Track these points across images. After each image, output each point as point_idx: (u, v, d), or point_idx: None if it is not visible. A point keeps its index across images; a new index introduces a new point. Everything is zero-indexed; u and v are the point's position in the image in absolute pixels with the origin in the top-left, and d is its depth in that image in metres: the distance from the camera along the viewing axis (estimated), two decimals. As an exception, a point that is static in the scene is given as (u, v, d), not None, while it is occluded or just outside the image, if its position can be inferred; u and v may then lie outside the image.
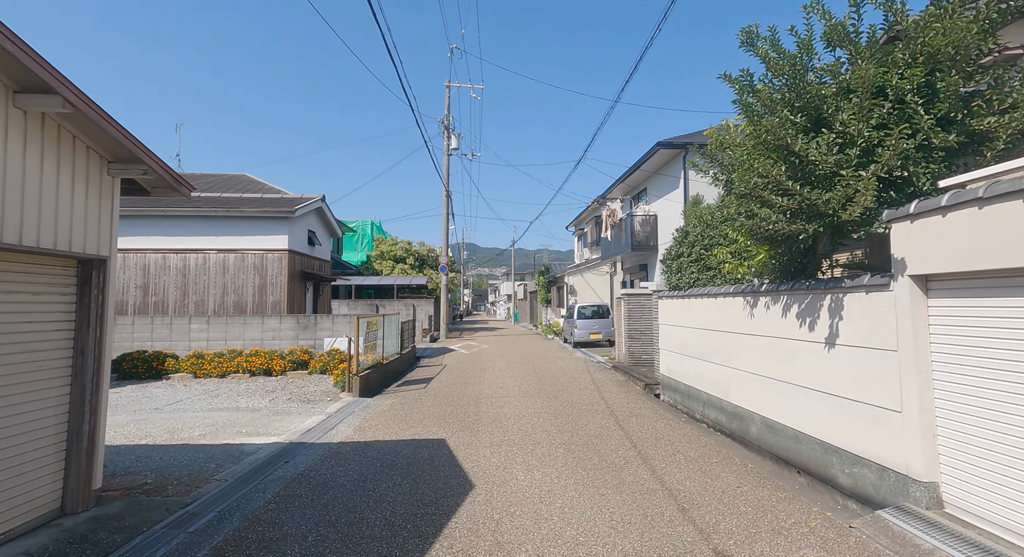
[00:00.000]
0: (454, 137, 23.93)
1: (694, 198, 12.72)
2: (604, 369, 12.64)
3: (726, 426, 6.58)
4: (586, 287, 24.38)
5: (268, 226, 13.35)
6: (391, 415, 7.52)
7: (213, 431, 6.50)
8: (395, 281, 25.43)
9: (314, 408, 8.01)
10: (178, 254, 13.13)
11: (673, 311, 8.75)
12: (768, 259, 5.26)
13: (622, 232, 19.11)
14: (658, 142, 14.87)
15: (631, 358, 12.23)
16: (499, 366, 13.31)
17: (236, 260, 13.25)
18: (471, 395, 9.11)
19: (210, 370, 11.44)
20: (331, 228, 17.00)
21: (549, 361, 14.41)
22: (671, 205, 15.80)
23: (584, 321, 18.51)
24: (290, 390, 9.67)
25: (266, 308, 13.26)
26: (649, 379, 9.99)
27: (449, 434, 6.36)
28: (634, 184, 19.17)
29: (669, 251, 9.17)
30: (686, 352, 8.09)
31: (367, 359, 10.08)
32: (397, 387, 10.28)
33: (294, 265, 13.87)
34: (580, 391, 9.48)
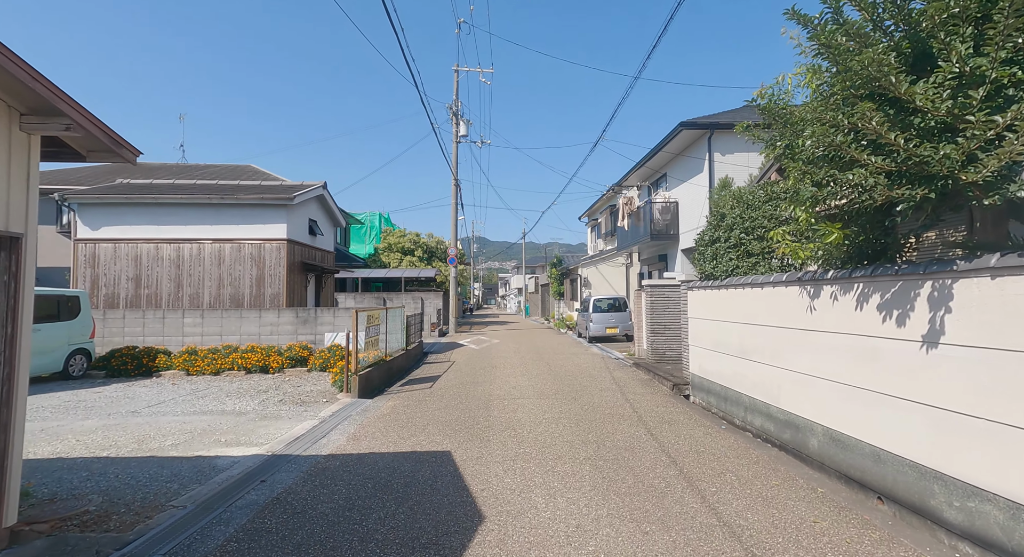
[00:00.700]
0: (463, 123, 23.01)
1: (722, 181, 11.73)
2: (624, 366, 11.73)
3: (776, 436, 5.66)
4: (600, 279, 23.42)
5: (265, 214, 12.58)
6: (391, 420, 6.70)
7: (188, 440, 5.72)
8: (403, 274, 24.68)
9: (307, 411, 7.23)
10: (171, 244, 12.42)
11: (706, 303, 7.82)
12: (841, 239, 4.31)
13: (640, 221, 18.12)
14: (681, 122, 13.83)
15: (654, 355, 11.31)
16: (511, 363, 12.46)
17: (232, 250, 12.51)
18: (481, 396, 8.27)
19: (203, 367, 10.73)
20: (334, 217, 16.22)
21: (564, 357, 13.53)
22: (694, 190, 14.78)
23: (600, 315, 17.59)
24: (284, 390, 8.91)
25: (264, 301, 12.53)
26: (677, 378, 9.08)
27: (455, 445, 5.52)
28: (653, 170, 18.13)
29: (702, 237, 8.21)
30: (722, 349, 7.17)
31: (368, 356, 9.29)
32: (401, 386, 9.47)
33: (293, 255, 13.11)
34: (601, 392, 8.60)
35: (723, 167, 13.94)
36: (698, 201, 14.70)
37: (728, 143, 13.97)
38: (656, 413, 7.06)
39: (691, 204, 15.35)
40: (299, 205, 13.39)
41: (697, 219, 14.79)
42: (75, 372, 10.06)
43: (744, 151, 13.91)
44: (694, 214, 15.10)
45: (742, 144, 14.40)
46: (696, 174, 14.64)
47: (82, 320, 10.22)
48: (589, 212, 30.03)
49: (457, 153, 23.19)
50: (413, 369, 11.90)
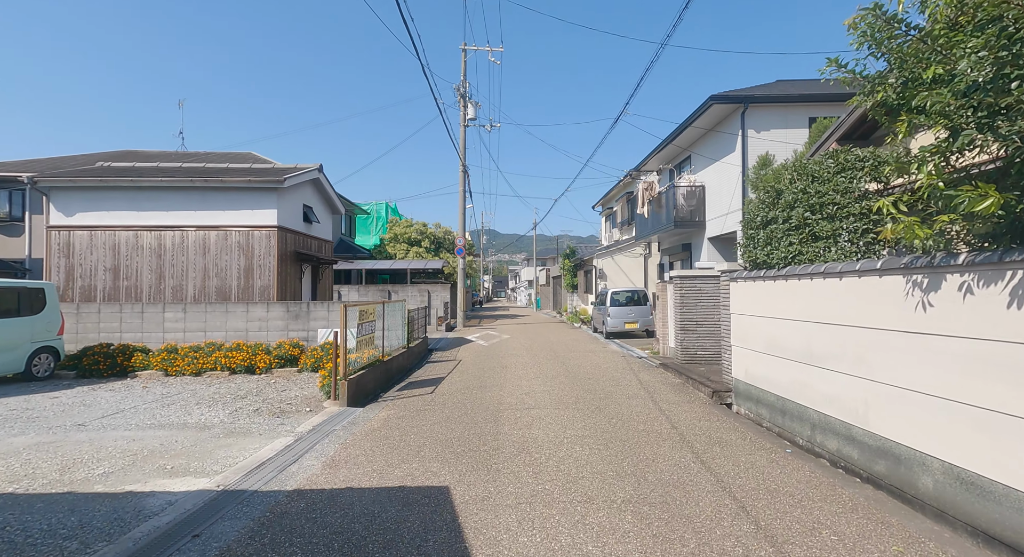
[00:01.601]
0: (471, 106, 21.72)
1: (762, 158, 10.39)
2: (650, 367, 10.50)
3: (862, 466, 4.43)
4: (617, 271, 22.13)
5: (253, 198, 11.47)
6: (381, 438, 5.57)
7: (127, 466, 4.63)
8: (408, 265, 23.59)
9: (283, 424, 6.12)
10: (152, 232, 11.38)
11: (756, 297, 6.56)
12: (997, 206, 3.03)
13: (661, 208, 16.80)
14: (712, 96, 12.46)
15: (684, 354, 10.06)
16: (523, 362, 11.30)
17: (218, 238, 11.44)
18: (489, 405, 7.12)
19: (183, 367, 9.70)
20: (332, 204, 15.09)
21: (581, 355, 12.34)
22: (725, 171, 13.42)
23: (618, 309, 16.34)
24: (266, 395, 7.82)
25: (253, 294, 11.46)
26: (715, 384, 7.84)
27: (456, 477, 4.36)
28: (675, 152, 16.75)
29: (751, 218, 6.92)
30: (778, 352, 5.93)
31: (361, 356, 8.17)
32: (399, 391, 8.35)
33: (285, 244, 12.01)
34: (629, 400, 7.40)
35: (758, 144, 12.57)
36: (728, 183, 13.35)
37: (764, 118, 12.58)
38: (700, 429, 5.85)
39: (720, 187, 14.00)
40: (291, 189, 12.27)
41: (727, 204, 13.46)
42: (40, 373, 9.08)
43: (782, 127, 12.53)
44: (723, 199, 13.76)
45: (780, 119, 13.01)
46: (727, 153, 13.28)
47: (48, 315, 9.22)
48: (604, 200, 28.65)
49: (465, 137, 21.94)
50: (415, 369, 10.78)
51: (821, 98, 12.40)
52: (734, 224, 13.04)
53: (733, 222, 13.08)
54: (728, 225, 13.43)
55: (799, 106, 12.58)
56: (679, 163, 16.90)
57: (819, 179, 5.85)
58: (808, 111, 12.59)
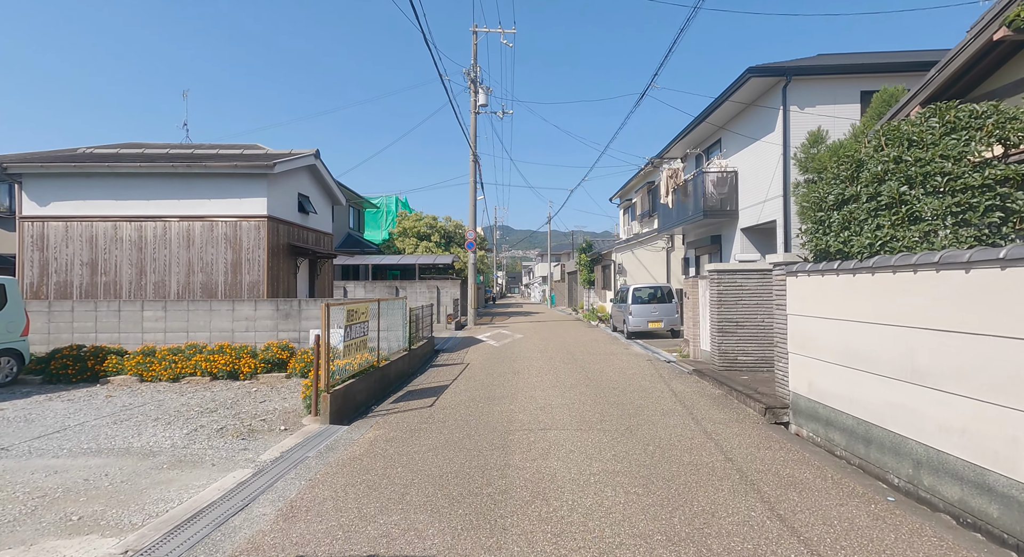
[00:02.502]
0: (482, 91, 20.52)
1: (813, 134, 9.03)
2: (682, 374, 9.25)
3: (1009, 528, 3.18)
4: (637, 266, 20.81)
5: (241, 186, 10.45)
6: (360, 471, 4.45)
7: (22, 515, 3.57)
8: (417, 260, 22.53)
9: (247, 450, 5.04)
10: (132, 222, 10.43)
11: (826, 295, 5.30)
12: None
13: (687, 197, 15.44)
14: (749, 68, 11.09)
15: (722, 360, 8.79)
16: (537, 367, 10.12)
17: (203, 230, 10.45)
18: (497, 423, 5.96)
19: (159, 372, 8.73)
20: (331, 194, 14.04)
21: (602, 359, 11.12)
22: (762, 154, 12.04)
23: (641, 306, 15.06)
24: (240, 408, 6.76)
25: (241, 290, 10.46)
26: (766, 397, 6.58)
27: (448, 539, 3.22)
28: (703, 135, 15.37)
29: (819, 198, 5.64)
30: (862, 365, 4.67)
31: (352, 362, 7.09)
32: (395, 402, 7.25)
33: (277, 236, 10.98)
34: (664, 417, 6.19)
35: (802, 122, 11.17)
36: (766, 167, 11.98)
37: (809, 93, 11.18)
38: (761, 462, 4.62)
39: (755, 173, 12.62)
40: (283, 177, 11.22)
41: (764, 190, 12.09)
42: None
43: (830, 102, 11.11)
44: (759, 185, 12.39)
45: (828, 93, 11.58)
46: (765, 133, 11.89)
47: (9, 313, 8.30)
48: (622, 192, 27.28)
49: (476, 125, 20.75)
50: (417, 374, 9.68)
51: (875, 69, 10.96)
52: (773, 212, 11.68)
53: (772, 210, 11.72)
54: (766, 214, 12.07)
55: (850, 79, 11.14)
56: (708, 147, 15.51)
57: (919, 144, 4.55)
58: (860, 84, 11.15)
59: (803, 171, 9.23)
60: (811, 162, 8.93)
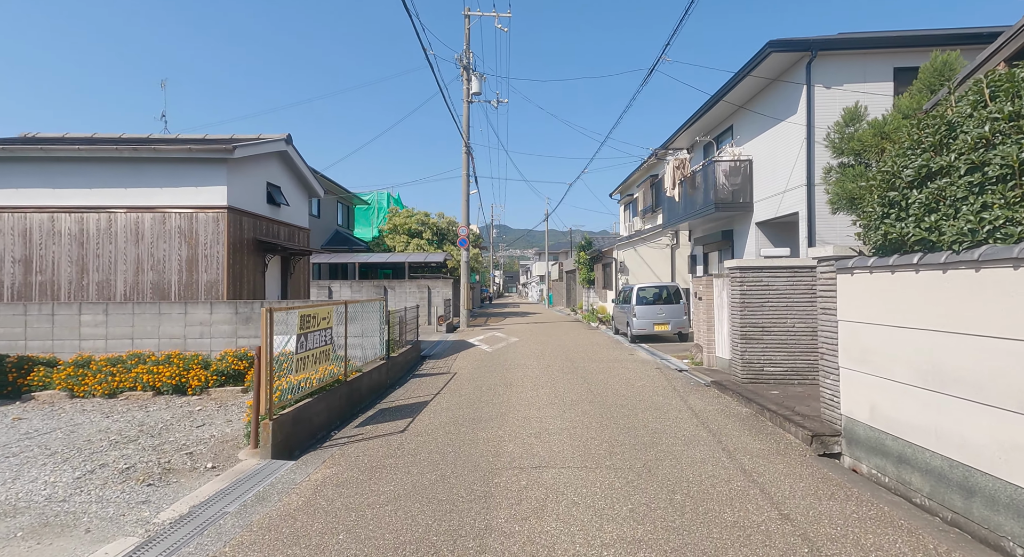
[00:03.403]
0: (475, 78, 19.31)
1: (850, 110, 7.86)
2: (698, 387, 8.07)
3: None
4: (640, 264, 19.64)
5: (197, 172, 9.22)
6: (290, 540, 3.25)
7: None
8: (407, 258, 21.31)
9: (146, 504, 3.83)
10: (72, 214, 9.19)
11: (898, 297, 4.14)
12: None
13: (695, 189, 14.28)
14: (770, 42, 9.92)
15: (745, 370, 7.61)
16: (533, 377, 8.93)
17: (154, 222, 9.22)
18: (481, 458, 4.77)
19: (93, 387, 7.52)
20: (306, 184, 12.79)
21: (605, 367, 9.94)
22: (781, 138, 10.87)
23: (645, 308, 13.89)
24: (168, 436, 5.55)
25: (197, 291, 9.24)
26: (808, 420, 5.40)
27: None
28: (713, 122, 14.20)
29: (891, 173, 4.44)
30: (957, 390, 3.50)
31: (311, 377, 5.90)
32: (361, 425, 6.05)
33: (240, 229, 9.75)
34: (688, 447, 5.00)
35: (829, 102, 10.01)
36: (785, 154, 10.82)
37: (836, 69, 10.02)
38: (829, 522, 3.43)
39: (772, 161, 11.46)
40: (247, 163, 9.99)
41: (784, 179, 10.93)
42: (-102, 396, 6.94)
43: (860, 80, 9.93)
44: (777, 174, 11.23)
45: (858, 70, 10.41)
46: (787, 115, 10.72)
47: (-89, 320, 7.06)
48: (623, 186, 26.11)
49: (468, 114, 19.55)
50: (396, 387, 8.49)
51: (911, 42, 9.80)
52: (794, 203, 10.52)
53: (793, 201, 10.56)
54: (785, 206, 10.91)
55: (882, 54, 9.98)
56: (718, 135, 14.34)
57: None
58: (893, 60, 9.99)
59: (837, 154, 8.07)
60: (848, 143, 7.76)
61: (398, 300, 19.84)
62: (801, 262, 7.53)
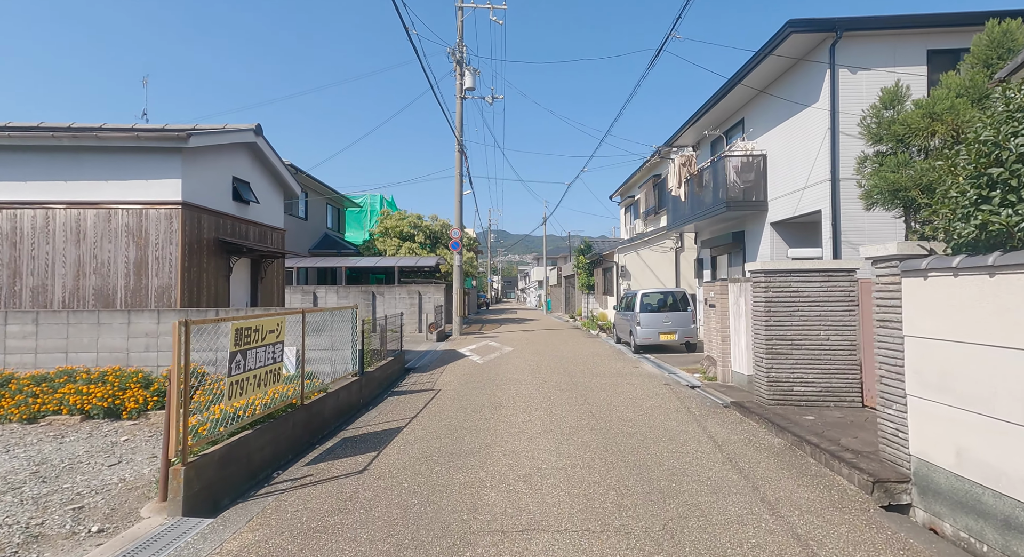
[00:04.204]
0: (468, 73, 18.36)
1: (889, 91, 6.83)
2: (716, 409, 7.00)
3: None
4: (642, 268, 18.61)
5: (147, 164, 8.18)
6: None
7: None
8: (396, 262, 20.26)
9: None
10: (3, 210, 8.13)
11: (998, 307, 3.09)
12: None
13: (702, 188, 13.29)
14: (790, 21, 8.96)
15: (772, 389, 6.54)
16: (526, 396, 7.86)
17: (98, 220, 8.17)
18: (453, 516, 3.70)
19: (9, 410, 6.43)
20: (281, 181, 11.73)
21: (609, 383, 8.87)
22: (802, 128, 9.87)
23: (650, 315, 12.83)
24: (62, 483, 4.45)
25: (147, 297, 8.17)
26: (863, 458, 4.33)
27: None
28: (722, 116, 13.22)
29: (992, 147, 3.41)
30: None
31: (254, 402, 4.85)
32: (313, 462, 4.98)
33: (198, 228, 8.70)
34: (717, 497, 3.93)
35: (854, 88, 9.05)
36: (805, 146, 9.81)
37: (863, 53, 9.05)
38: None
39: (789, 154, 10.46)
40: (208, 155, 8.95)
41: (804, 174, 9.92)
42: None
43: (889, 64, 8.94)
44: (795, 169, 10.23)
45: (887, 53, 9.36)
46: (807, 103, 9.73)
47: None
48: (623, 188, 25.14)
49: (461, 111, 18.56)
50: (368, 407, 7.41)
51: (948, 21, 8.84)
52: (815, 200, 9.51)
53: (815, 198, 9.55)
54: (805, 204, 9.89)
55: (914, 35, 9.02)
56: (728, 130, 13.35)
57: None
58: (927, 41, 9.03)
59: (873, 141, 7.05)
60: (889, 127, 6.74)
61: (387, 306, 18.77)
62: (838, 264, 6.49)
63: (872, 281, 4.59)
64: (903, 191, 6.35)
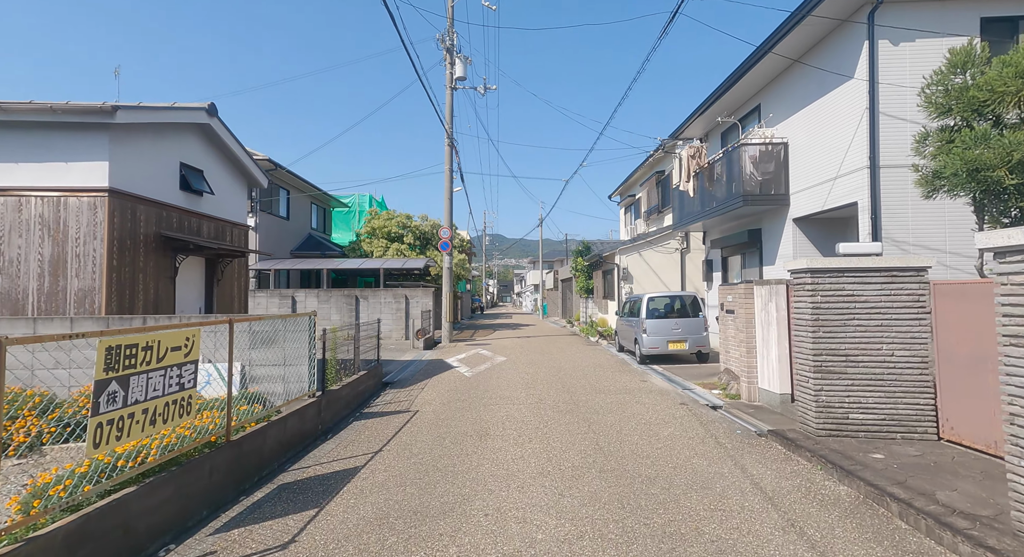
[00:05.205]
0: (459, 61, 17.14)
1: (958, 54, 5.64)
2: (750, 438, 5.72)
3: None
4: (645, 270, 17.38)
5: (66, 143, 6.87)
6: None
7: None
8: (382, 264, 18.95)
9: None
10: None
11: None
12: None
13: (713, 183, 12.08)
14: (824, -18, 7.74)
15: (823, 417, 5.27)
16: (519, 421, 6.56)
17: (6, 209, 6.85)
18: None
19: None
20: (243, 171, 10.40)
21: (615, 401, 7.58)
22: (832, 111, 8.67)
23: (657, 322, 11.57)
24: None
25: (65, 302, 6.84)
26: (990, 530, 3.07)
27: None
28: (737, 101, 12.03)
29: None
30: None
31: (146, 448, 3.57)
32: (221, 531, 3.67)
33: (132, 221, 7.38)
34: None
35: (898, 60, 7.87)
36: (836, 131, 8.61)
37: (908, 21, 7.86)
38: None
39: (816, 141, 9.26)
40: (146, 135, 7.65)
41: (836, 162, 8.71)
42: None
43: (935, 34, 7.75)
44: (824, 157, 9.02)
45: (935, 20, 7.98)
46: (839, 81, 8.53)
47: None
48: (623, 187, 23.95)
49: (452, 102, 17.32)
50: (327, 436, 6.10)
51: (1005, -17, 7.67)
52: (850, 191, 8.30)
53: (849, 188, 8.34)
54: (837, 196, 8.69)
55: (965, 1, 7.86)
56: (743, 117, 12.15)
57: None
58: (981, 8, 7.88)
59: (939, 114, 5.85)
60: (962, 95, 5.53)
61: (371, 311, 17.45)
62: (904, 262, 5.24)
63: (990, 280, 3.35)
64: (985, 171, 5.13)
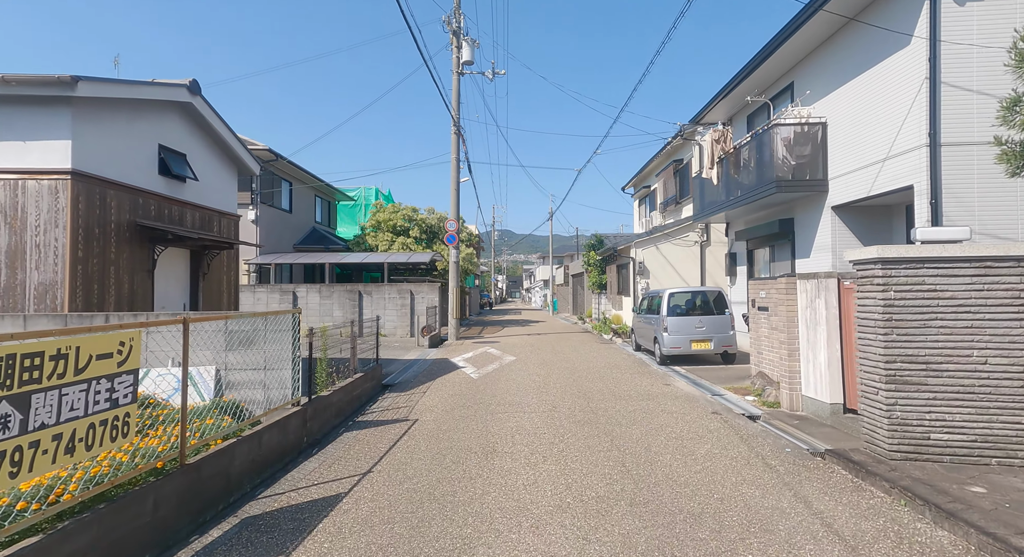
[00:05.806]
0: (466, 45, 16.27)
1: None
2: (804, 460, 4.84)
3: None
4: (662, 264, 16.45)
5: (23, 120, 6.15)
6: None
7: None
8: (386, 258, 18.21)
9: None
10: None
11: None
12: None
13: (739, 168, 11.15)
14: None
15: (899, 437, 4.38)
16: (530, 433, 5.74)
17: (-41, 195, 6.14)
18: None
19: None
20: (232, 156, 9.63)
21: (639, 410, 6.73)
22: (880, 84, 7.68)
23: (679, 320, 10.69)
24: None
25: (24, 298, 6.14)
26: None
27: None
28: (768, 79, 11.04)
29: None
30: None
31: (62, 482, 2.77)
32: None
33: (100, 208, 6.64)
34: None
35: (964, 23, 6.89)
36: (886, 107, 7.64)
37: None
38: None
39: (860, 120, 8.29)
40: (119, 112, 6.90)
41: (884, 143, 7.74)
42: None
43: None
44: (871, 138, 8.05)
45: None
46: (890, 50, 7.55)
47: None
48: (638, 178, 22.97)
49: (458, 87, 16.47)
50: (312, 451, 5.32)
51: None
52: (903, 174, 7.34)
53: (901, 171, 7.40)
54: (885, 180, 7.75)
55: (1043, -49, 6.84)
56: (774, 96, 11.16)
57: None
58: (1063, -41, 6.84)
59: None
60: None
61: (375, 307, 16.73)
62: (1003, 250, 4.31)
63: None
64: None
